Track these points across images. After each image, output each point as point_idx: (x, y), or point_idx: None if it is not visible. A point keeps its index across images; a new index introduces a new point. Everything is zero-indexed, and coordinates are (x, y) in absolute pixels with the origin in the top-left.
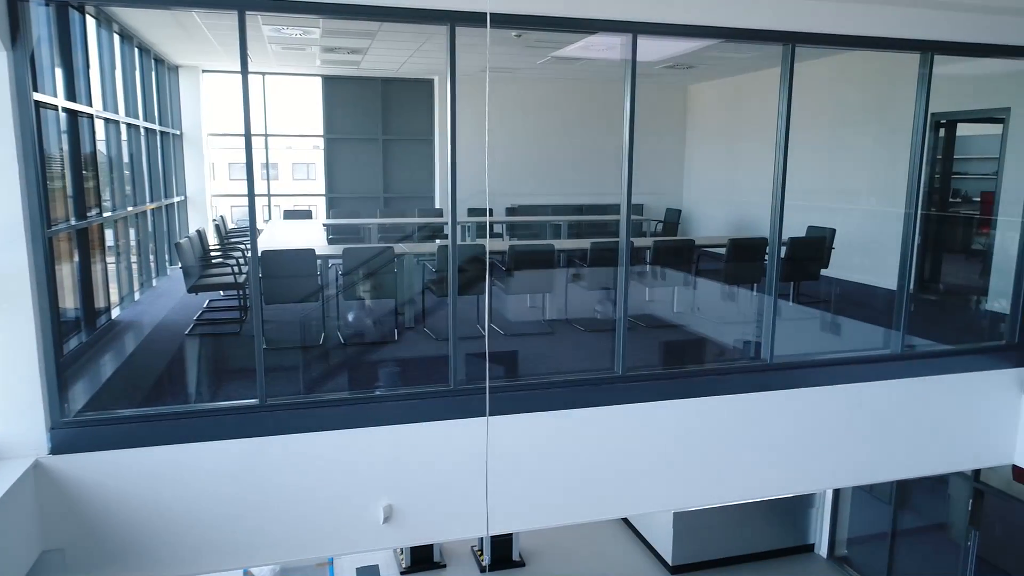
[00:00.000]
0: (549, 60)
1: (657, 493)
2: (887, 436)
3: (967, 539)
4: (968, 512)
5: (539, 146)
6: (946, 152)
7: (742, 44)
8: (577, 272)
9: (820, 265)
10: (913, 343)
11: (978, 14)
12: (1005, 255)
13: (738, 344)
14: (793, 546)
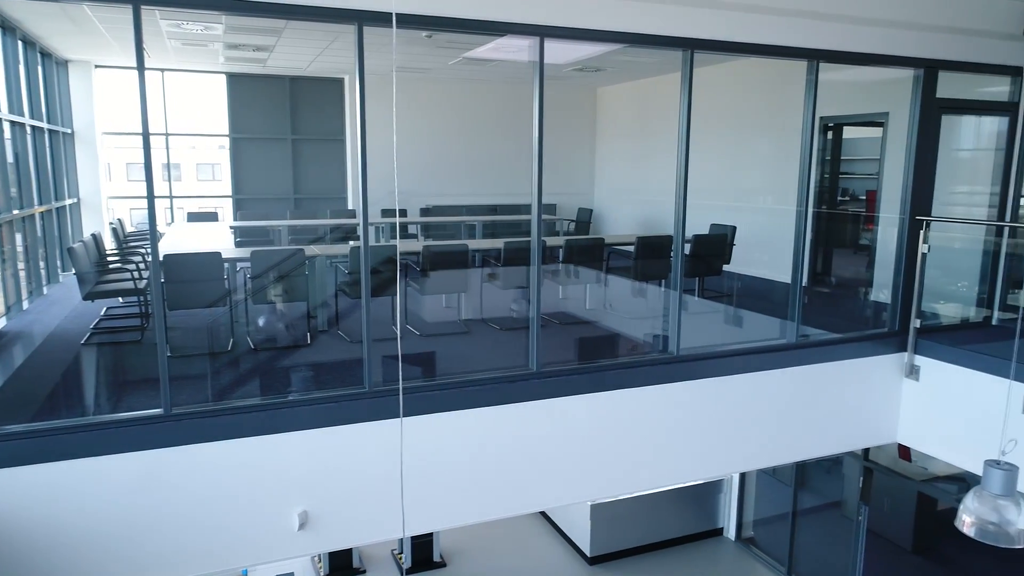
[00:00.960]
0: (461, 61)
1: (573, 485)
2: (786, 421)
3: (858, 514)
4: (859, 489)
5: (453, 146)
6: (834, 153)
7: (646, 49)
8: (492, 272)
9: (723, 261)
10: (807, 333)
11: (859, 26)
12: (887, 249)
13: (648, 338)
14: (704, 531)
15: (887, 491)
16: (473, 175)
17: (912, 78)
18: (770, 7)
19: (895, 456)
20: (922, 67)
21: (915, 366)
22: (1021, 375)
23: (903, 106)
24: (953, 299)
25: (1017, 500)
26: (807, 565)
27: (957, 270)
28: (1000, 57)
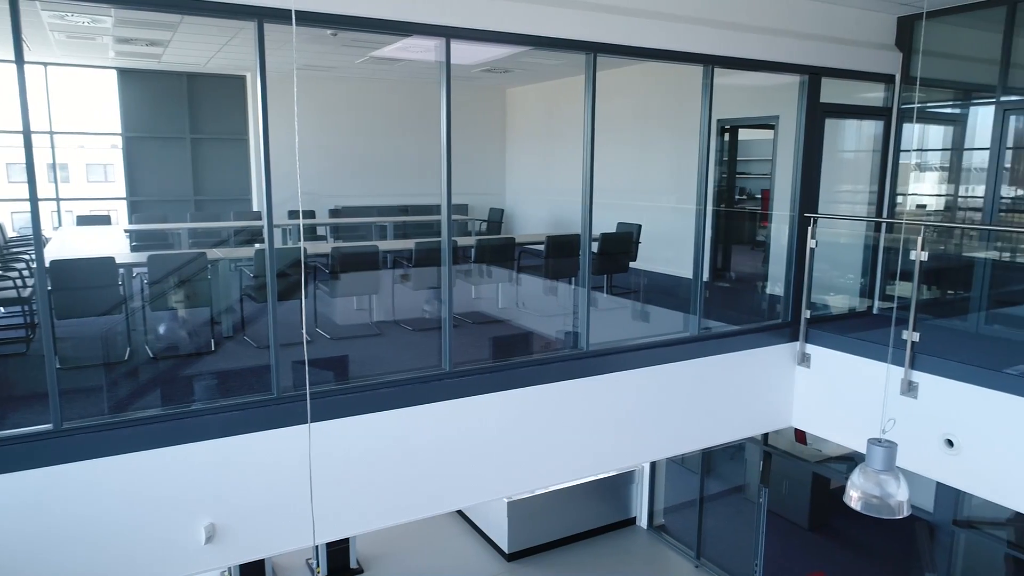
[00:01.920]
0: (368, 60)
1: (489, 483)
2: (691, 410)
3: (759, 496)
4: (760, 473)
5: (362, 146)
6: (731, 154)
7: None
8: (404, 272)
9: (629, 258)
10: (709, 326)
11: (750, 33)
12: (780, 245)
13: (559, 335)
14: (617, 521)
15: (785, 473)
16: (383, 176)
17: (798, 84)
18: (668, 14)
19: (792, 440)
20: (806, 73)
21: (806, 354)
22: (899, 359)
23: (791, 110)
24: (840, 291)
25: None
26: (714, 548)
27: (843, 264)
28: (875, 65)
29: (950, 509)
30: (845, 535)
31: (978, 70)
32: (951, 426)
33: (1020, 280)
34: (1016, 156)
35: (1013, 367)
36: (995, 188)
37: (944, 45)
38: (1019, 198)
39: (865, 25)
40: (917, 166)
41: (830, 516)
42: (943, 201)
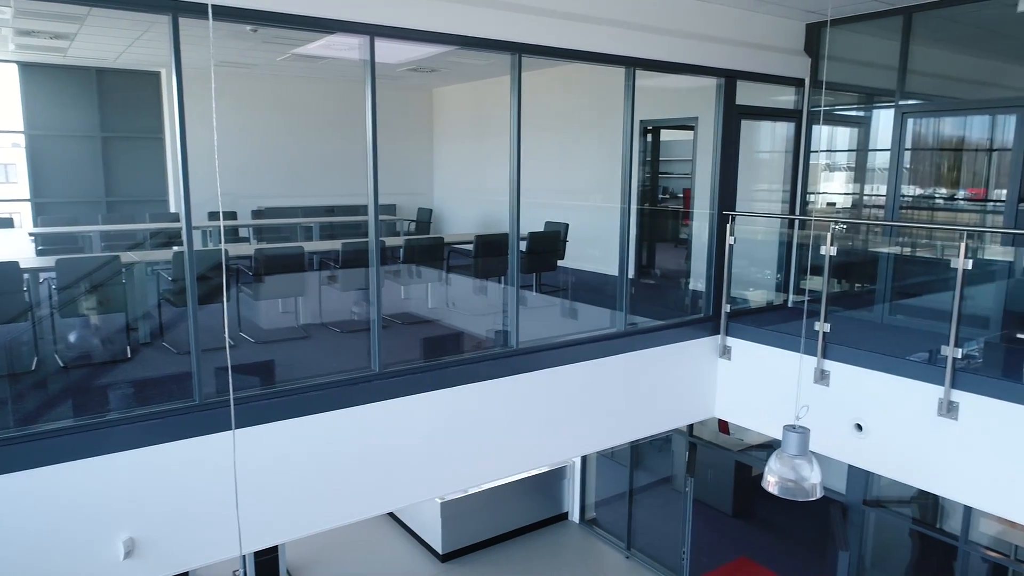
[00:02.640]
0: (290, 57)
1: (420, 483)
2: (619, 404)
3: (685, 486)
4: (686, 463)
5: (286, 146)
6: (654, 154)
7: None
8: (331, 274)
9: (557, 257)
10: (635, 321)
11: (670, 37)
12: (701, 242)
13: (489, 333)
14: (550, 516)
15: (710, 463)
16: (308, 176)
17: (715, 86)
18: (591, 17)
19: (716, 430)
20: (723, 76)
21: (727, 347)
22: (812, 349)
23: (709, 111)
24: (758, 286)
25: (810, 458)
26: (644, 538)
27: (760, 260)
28: (786, 69)
29: (860, 490)
30: (766, 520)
31: (879, 75)
32: (860, 411)
33: (919, 273)
34: (914, 157)
35: (915, 354)
36: (896, 187)
37: (848, 51)
38: (918, 196)
39: (776, 31)
40: (827, 166)
41: (752, 502)
42: (850, 199)
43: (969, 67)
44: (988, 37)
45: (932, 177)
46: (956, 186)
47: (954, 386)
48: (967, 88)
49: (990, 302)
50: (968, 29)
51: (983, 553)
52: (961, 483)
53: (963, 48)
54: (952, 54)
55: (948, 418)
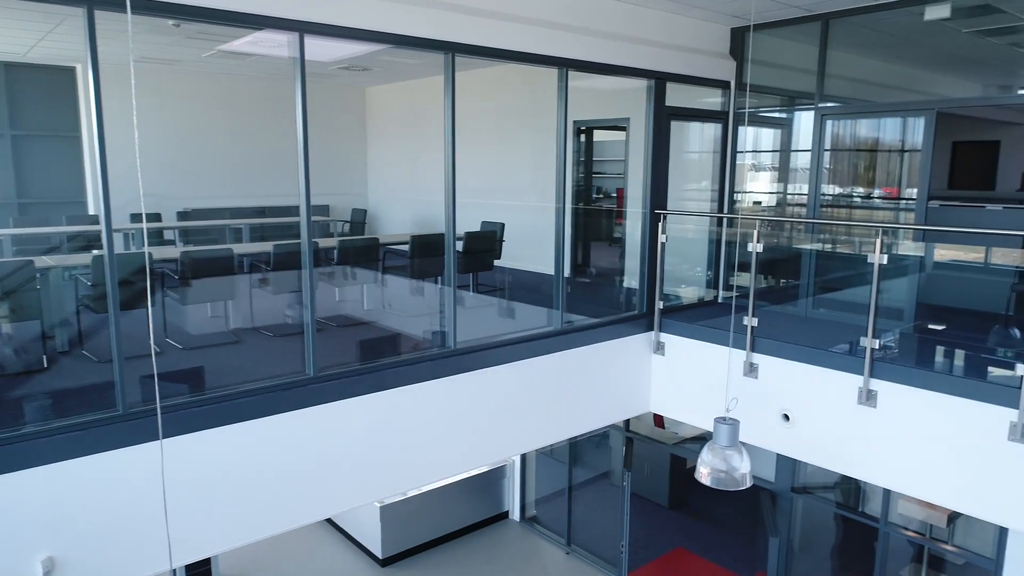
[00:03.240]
0: (216, 54)
1: (359, 488)
2: (558, 401)
3: (623, 480)
4: (623, 458)
5: (213, 145)
6: (588, 155)
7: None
8: (263, 277)
9: (494, 256)
10: (572, 320)
11: (602, 39)
12: (634, 241)
13: (426, 334)
14: (491, 516)
15: (646, 457)
16: (237, 176)
17: (646, 88)
18: (524, 17)
19: (651, 425)
20: (653, 78)
21: (661, 343)
22: (741, 343)
23: (640, 112)
24: (689, 283)
25: (740, 449)
26: (583, 533)
27: (691, 257)
28: (713, 72)
29: (788, 477)
30: (701, 510)
31: (800, 78)
32: (787, 402)
33: (840, 268)
34: (834, 157)
35: (836, 346)
36: (817, 186)
37: (771, 55)
38: (838, 195)
39: (703, 35)
40: (752, 167)
41: (687, 494)
42: (775, 198)
43: (882, 72)
44: (899, 44)
45: (850, 177)
46: (872, 185)
47: (873, 375)
48: (881, 92)
49: (904, 295)
50: (881, 36)
51: (901, 533)
52: (881, 468)
53: (876, 53)
54: (866, 59)
55: (868, 406)
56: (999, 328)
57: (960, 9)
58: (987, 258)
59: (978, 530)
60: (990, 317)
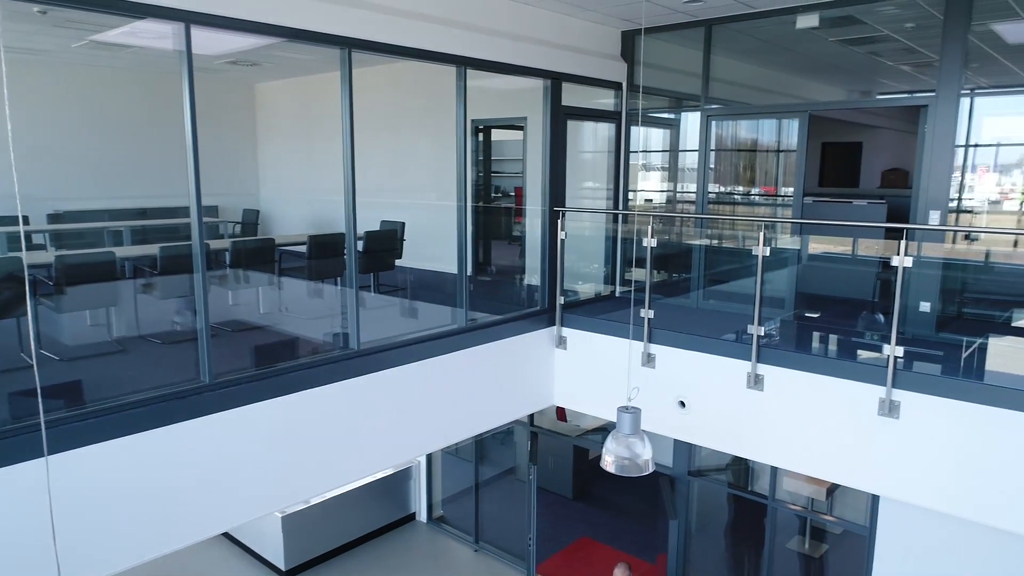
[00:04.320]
0: (88, 44)
1: (260, 497)
2: (463, 399)
3: (529, 474)
4: (528, 453)
5: (88, 143)
6: (486, 153)
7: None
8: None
9: (395, 256)
10: (475, 317)
11: (499, 38)
12: (534, 238)
13: (327, 336)
14: (398, 519)
15: (551, 450)
16: (116, 176)
17: (542, 88)
18: (422, 14)
19: (554, 419)
20: (549, 78)
21: (563, 337)
22: (639, 335)
23: (537, 112)
24: (588, 279)
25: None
26: (491, 530)
27: (589, 254)
28: (605, 73)
29: (685, 462)
30: (604, 500)
31: (687, 81)
32: (683, 389)
33: (726, 262)
34: (719, 157)
35: (726, 335)
36: (704, 184)
37: (660, 58)
38: (722, 193)
39: (596, 37)
40: (643, 166)
41: (591, 485)
42: (666, 196)
43: (761, 76)
44: (775, 50)
45: (732, 176)
46: (752, 184)
47: (759, 361)
48: (760, 95)
49: (785, 285)
50: (759, 42)
51: (788, 508)
52: (768, 447)
53: (756, 59)
54: (747, 64)
55: (755, 389)
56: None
57: (827, 19)
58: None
59: (854, 500)
60: (859, 304)
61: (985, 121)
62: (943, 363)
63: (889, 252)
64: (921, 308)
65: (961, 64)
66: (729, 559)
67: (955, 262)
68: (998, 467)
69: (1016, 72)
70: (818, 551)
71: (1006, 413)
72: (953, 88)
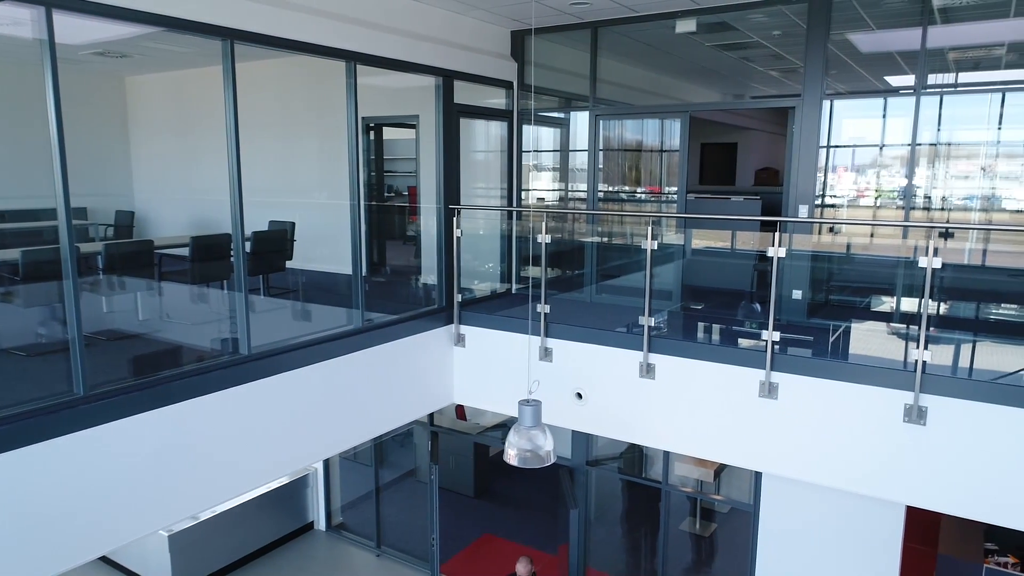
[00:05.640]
0: None
1: (143, 516)
2: (361, 402)
3: (430, 475)
4: (429, 453)
5: None
6: (378, 152)
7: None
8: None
9: (285, 257)
10: (371, 318)
11: (390, 34)
12: (430, 236)
13: (215, 342)
14: (295, 529)
15: (451, 450)
16: None
17: (434, 85)
18: (310, 7)
19: (453, 417)
20: (441, 76)
21: (461, 335)
22: (536, 330)
23: (430, 110)
24: (485, 277)
25: (543, 428)
26: (393, 534)
27: (485, 253)
28: (497, 72)
29: (583, 452)
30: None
31: (576, 82)
32: (579, 381)
33: (617, 258)
34: (607, 157)
35: (618, 327)
36: (594, 183)
37: (549, 58)
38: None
39: (486, 36)
40: (535, 166)
41: (492, 481)
42: (558, 195)
43: (645, 79)
44: (657, 53)
45: (620, 176)
46: (638, 183)
47: (651, 351)
48: (644, 96)
49: (671, 278)
50: (642, 45)
51: (680, 491)
52: (661, 432)
53: (640, 61)
54: (632, 67)
55: (648, 378)
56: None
57: (703, 25)
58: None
59: (738, 480)
60: (739, 294)
61: (844, 123)
62: (814, 346)
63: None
64: (794, 296)
65: (823, 70)
66: (627, 544)
67: (822, 254)
68: (863, 439)
69: (868, 79)
70: (708, 530)
71: (869, 389)
72: (816, 92)
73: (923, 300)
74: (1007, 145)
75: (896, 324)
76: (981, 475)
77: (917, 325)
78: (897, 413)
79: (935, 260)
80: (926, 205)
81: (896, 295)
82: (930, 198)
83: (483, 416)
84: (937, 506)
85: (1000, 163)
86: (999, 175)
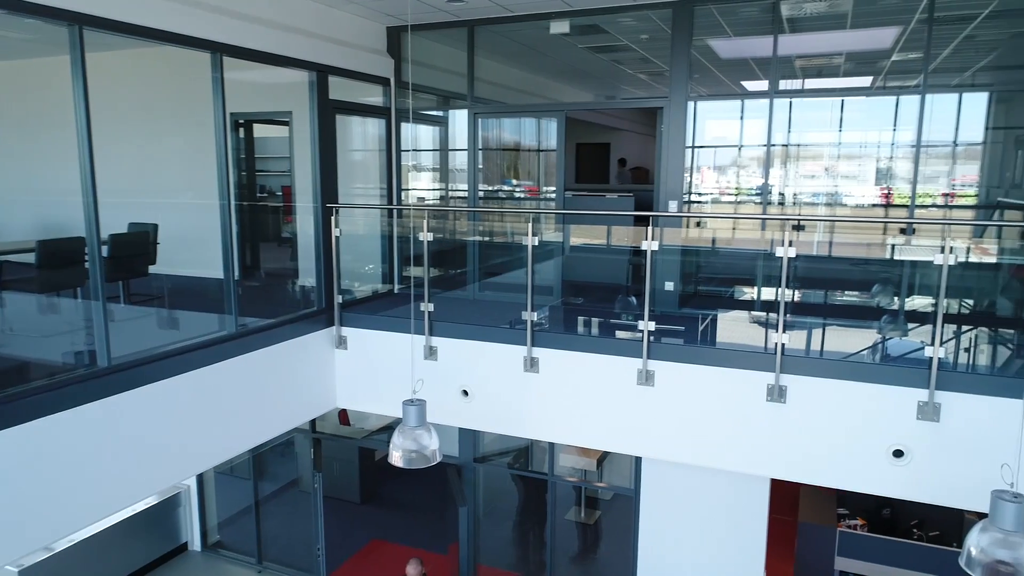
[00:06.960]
0: None
1: None
2: (237, 410)
3: (314, 483)
4: (312, 461)
5: None
6: (249, 150)
7: (19, 19)
8: None
9: (148, 261)
10: (246, 323)
11: (260, 26)
12: (307, 237)
13: (68, 356)
14: (167, 551)
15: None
16: None
17: (308, 81)
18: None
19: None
20: (315, 71)
21: (343, 337)
22: (420, 329)
23: (303, 106)
24: (366, 278)
25: (429, 428)
26: (276, 548)
27: (366, 253)
28: (372, 68)
29: (471, 449)
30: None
31: (454, 80)
32: (465, 378)
33: (499, 255)
34: (486, 156)
35: (501, 323)
36: (475, 182)
37: (427, 56)
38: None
39: (361, 31)
40: (414, 167)
41: (378, 486)
42: (439, 194)
43: (522, 79)
44: (532, 54)
45: (500, 175)
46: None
47: (534, 345)
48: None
49: (552, 274)
50: (518, 46)
51: (565, 481)
52: (545, 425)
53: (517, 61)
54: (509, 67)
55: (532, 372)
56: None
57: (576, 27)
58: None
59: (620, 467)
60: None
61: (708, 125)
62: (685, 335)
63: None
64: (667, 287)
65: (687, 74)
66: (516, 537)
67: (691, 248)
68: (732, 419)
69: (727, 83)
70: (592, 518)
71: (736, 372)
72: (682, 94)
73: (780, 288)
74: (847, 146)
75: (757, 312)
76: (833, 445)
77: (776, 312)
78: (760, 393)
79: (790, 250)
80: (780, 201)
81: (757, 284)
82: (784, 195)
83: (367, 420)
84: (798, 477)
85: (841, 164)
86: (840, 175)
